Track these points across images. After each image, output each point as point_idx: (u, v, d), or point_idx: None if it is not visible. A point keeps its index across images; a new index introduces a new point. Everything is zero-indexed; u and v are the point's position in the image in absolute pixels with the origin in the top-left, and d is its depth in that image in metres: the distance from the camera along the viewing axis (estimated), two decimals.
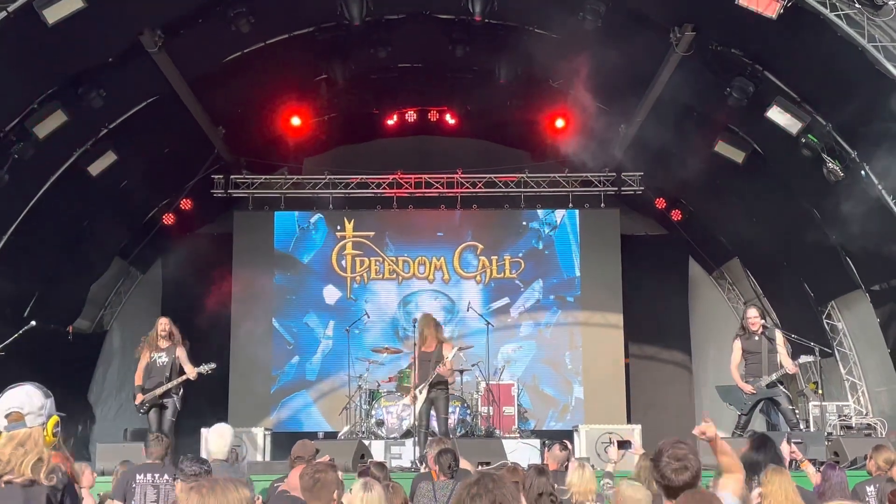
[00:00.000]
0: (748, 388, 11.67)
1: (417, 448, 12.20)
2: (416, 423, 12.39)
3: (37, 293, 15.33)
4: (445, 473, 7.86)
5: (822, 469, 7.67)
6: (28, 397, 3.90)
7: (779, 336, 12.03)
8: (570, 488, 7.20)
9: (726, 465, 4.67)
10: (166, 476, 7.62)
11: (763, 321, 12.07)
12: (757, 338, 11.81)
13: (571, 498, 7.13)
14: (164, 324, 12.18)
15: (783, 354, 11.76)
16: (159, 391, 11.82)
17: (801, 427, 12.62)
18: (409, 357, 13.47)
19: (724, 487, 4.60)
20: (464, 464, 8.08)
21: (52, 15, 10.80)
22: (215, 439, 7.37)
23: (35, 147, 12.86)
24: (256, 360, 17.89)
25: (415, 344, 12.84)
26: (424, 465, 9.53)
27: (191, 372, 11.87)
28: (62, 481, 3.85)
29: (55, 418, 3.95)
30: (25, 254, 14.40)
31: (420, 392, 12.29)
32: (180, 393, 12.04)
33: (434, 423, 13.26)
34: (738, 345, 12.00)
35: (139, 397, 11.99)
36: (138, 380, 12.12)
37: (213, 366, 12.07)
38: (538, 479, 6.85)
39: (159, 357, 11.99)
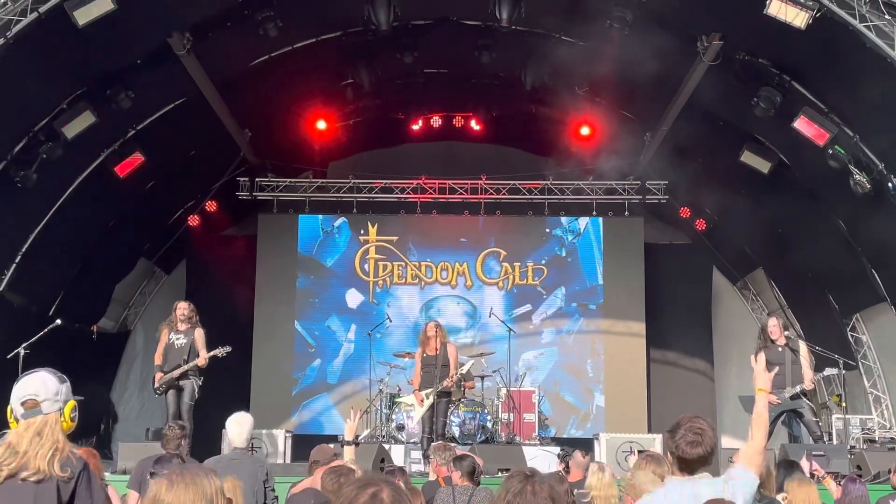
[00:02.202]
0: (772, 398, 11.58)
1: (423, 454, 12.20)
2: (424, 427, 12.45)
3: (62, 292, 15.47)
4: (467, 478, 7.82)
5: (842, 483, 7.60)
6: (43, 383, 3.86)
7: (803, 348, 11.92)
8: (589, 491, 7.17)
9: (750, 434, 4.52)
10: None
11: (787, 332, 11.96)
12: (780, 349, 11.72)
13: (592, 502, 7.10)
14: (182, 308, 12.19)
15: (805, 367, 11.66)
16: (175, 373, 11.83)
17: (825, 440, 12.53)
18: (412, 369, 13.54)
19: (740, 456, 4.50)
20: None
21: (83, 16, 10.89)
22: (234, 427, 7.36)
23: (63, 147, 12.97)
24: (278, 363, 17.97)
25: (422, 343, 12.81)
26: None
27: (202, 357, 11.86)
28: (76, 468, 3.80)
29: (72, 402, 3.89)
30: (52, 253, 14.54)
31: (428, 397, 12.31)
32: (200, 377, 12.04)
33: (454, 430, 13.30)
34: (760, 356, 11.89)
35: (157, 377, 12.00)
36: (157, 359, 12.14)
37: (228, 349, 12.01)
38: (560, 486, 6.82)
39: (177, 339, 12.01)
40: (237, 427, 7.30)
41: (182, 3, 12.39)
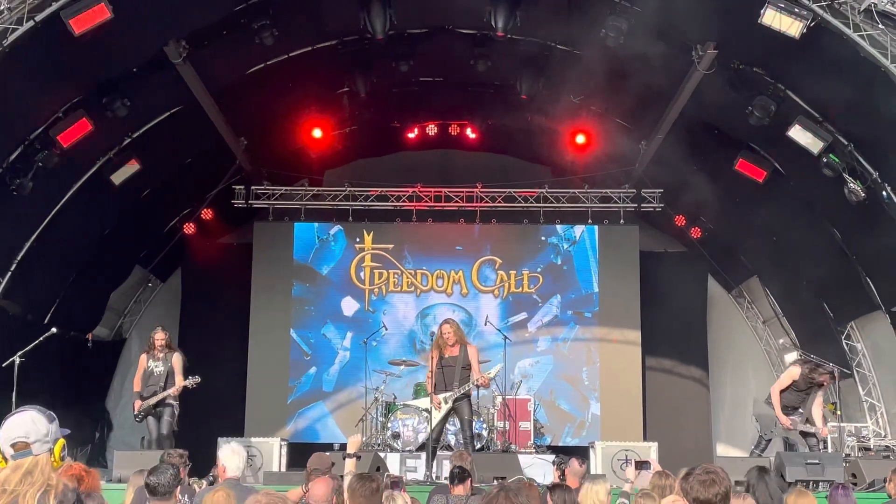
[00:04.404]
0: (786, 422, 11.52)
1: (427, 462, 12.00)
2: (432, 434, 12.05)
3: (57, 300, 15.45)
4: (452, 481, 7.90)
5: (829, 491, 7.54)
6: (33, 424, 3.75)
7: (820, 397, 11.86)
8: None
9: None
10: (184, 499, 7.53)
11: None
12: (812, 385, 11.63)
13: None
14: (159, 339, 12.35)
15: (818, 415, 11.63)
16: (153, 401, 12.07)
17: (820, 447, 12.54)
18: (426, 371, 13.22)
19: None
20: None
21: (79, 25, 10.91)
22: (230, 457, 7.28)
23: (59, 155, 12.97)
24: (273, 371, 17.95)
25: (439, 346, 12.06)
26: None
27: (176, 386, 12.05)
28: (69, 502, 3.76)
29: (61, 441, 3.83)
30: (47, 261, 14.53)
31: (446, 402, 11.79)
32: (177, 401, 12.24)
33: (449, 438, 13.23)
34: (795, 372, 11.78)
35: (137, 404, 12.27)
36: (136, 386, 12.41)
37: (197, 379, 12.19)
38: (568, 495, 6.85)
39: (156, 366, 12.23)
40: (234, 456, 7.22)
41: (178, 11, 12.39)
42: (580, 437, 17.58)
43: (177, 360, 12.19)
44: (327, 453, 8.37)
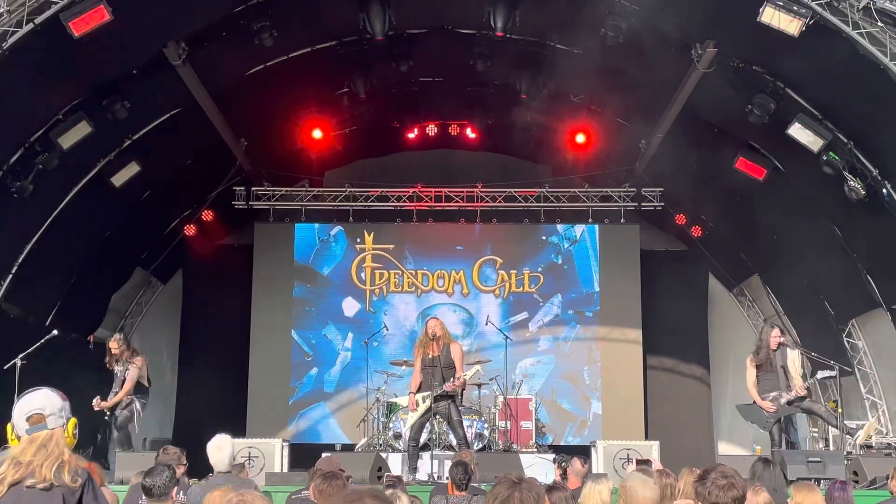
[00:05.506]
0: (768, 405, 11.56)
1: (409, 463, 11.84)
2: (409, 434, 11.92)
3: (59, 302, 15.46)
4: (458, 487, 7.85)
5: (827, 489, 7.52)
6: (48, 399, 3.99)
7: (790, 353, 11.85)
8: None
9: None
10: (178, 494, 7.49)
11: (782, 339, 11.93)
12: (772, 356, 11.68)
13: None
14: (113, 348, 12.54)
15: (794, 373, 11.62)
16: (109, 403, 12.38)
17: (843, 429, 12.55)
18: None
19: None
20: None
21: (79, 27, 10.91)
22: (215, 453, 7.03)
23: (59, 158, 12.98)
24: (275, 372, 17.96)
25: (423, 343, 12.00)
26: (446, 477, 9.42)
27: (117, 397, 12.37)
28: (83, 478, 3.90)
29: (74, 420, 4.02)
30: (48, 263, 14.53)
31: (424, 401, 11.68)
32: (139, 400, 12.61)
33: (451, 438, 13.22)
34: (750, 361, 11.83)
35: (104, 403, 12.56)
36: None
37: (103, 405, 12.48)
38: (566, 494, 6.83)
39: (118, 370, 12.55)
40: (217, 452, 6.97)
41: (178, 13, 12.39)
42: (582, 436, 17.58)
43: (132, 367, 12.37)
44: (332, 454, 8.37)
